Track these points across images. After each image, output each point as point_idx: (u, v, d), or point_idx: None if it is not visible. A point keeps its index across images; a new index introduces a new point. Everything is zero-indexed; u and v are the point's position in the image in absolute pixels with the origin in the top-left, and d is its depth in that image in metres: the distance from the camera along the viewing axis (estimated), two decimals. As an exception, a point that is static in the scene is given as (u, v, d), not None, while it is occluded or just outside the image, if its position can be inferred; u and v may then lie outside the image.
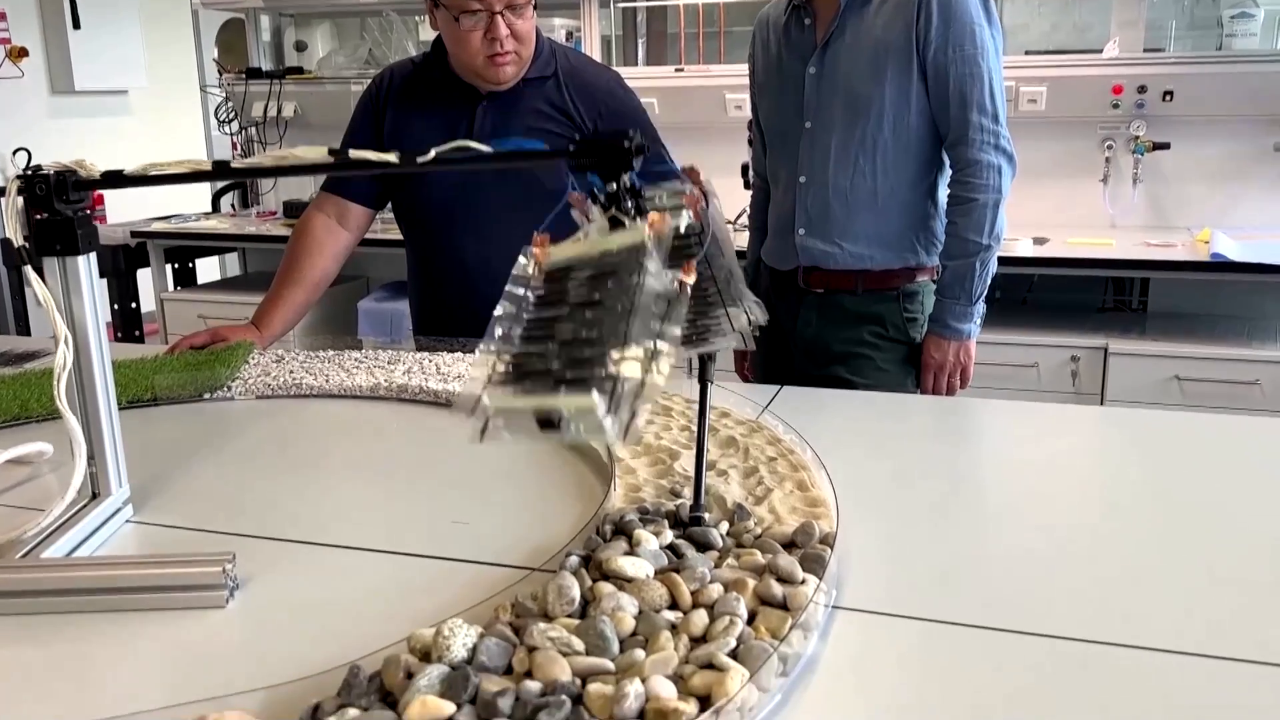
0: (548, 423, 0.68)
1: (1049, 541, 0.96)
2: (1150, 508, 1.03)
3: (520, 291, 0.79)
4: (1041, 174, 3.00)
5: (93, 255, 0.95)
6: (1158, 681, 0.72)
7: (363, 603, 0.86)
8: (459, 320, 1.76)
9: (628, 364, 0.67)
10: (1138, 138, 2.99)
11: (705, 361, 1.00)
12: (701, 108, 3.30)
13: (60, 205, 0.92)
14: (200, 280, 3.83)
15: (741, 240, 2.14)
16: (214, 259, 4.20)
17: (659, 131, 1.69)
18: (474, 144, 0.88)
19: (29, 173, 0.89)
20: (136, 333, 3.66)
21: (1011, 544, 0.96)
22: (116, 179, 0.94)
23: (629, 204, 0.82)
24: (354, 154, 0.89)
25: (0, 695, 0.73)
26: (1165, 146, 2.97)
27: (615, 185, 0.82)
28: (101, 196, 4.32)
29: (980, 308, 1.71)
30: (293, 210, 3.59)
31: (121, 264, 3.56)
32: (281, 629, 0.82)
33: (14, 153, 4.22)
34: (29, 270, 0.90)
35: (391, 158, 0.89)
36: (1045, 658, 0.75)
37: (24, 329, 3.97)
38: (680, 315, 0.75)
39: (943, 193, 1.74)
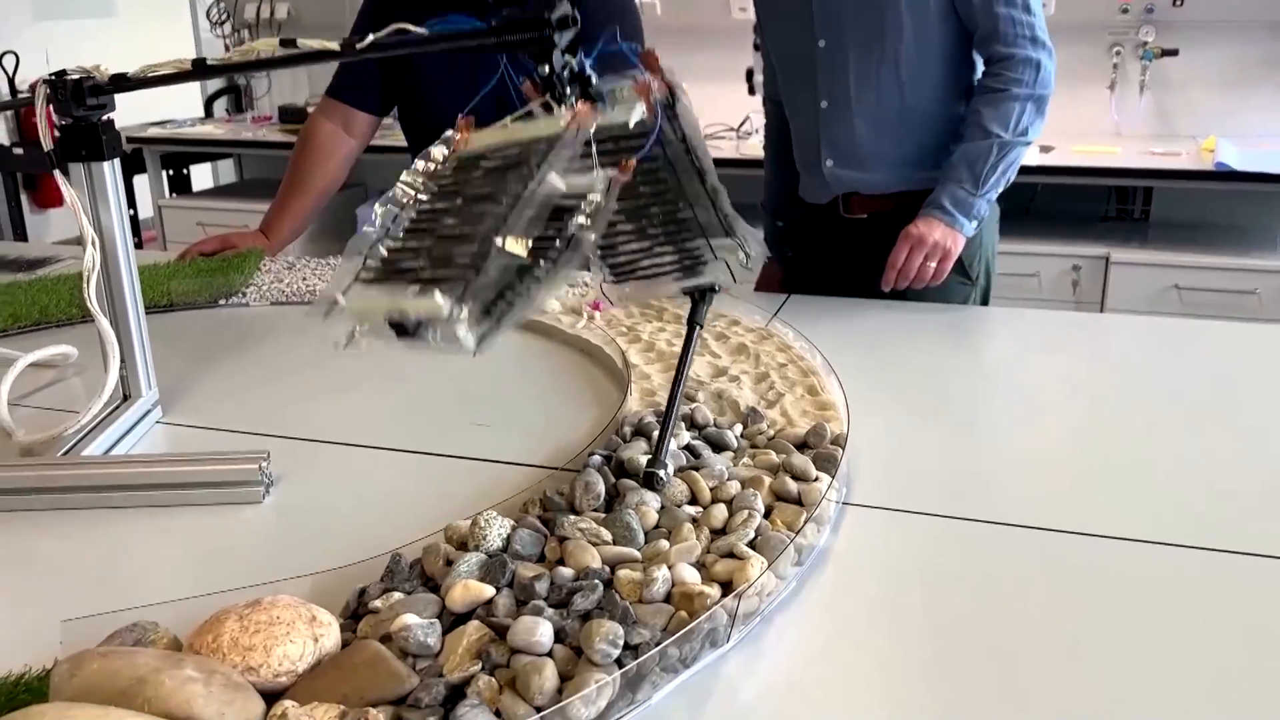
0: (402, 329, 0.62)
1: (1049, 441, 1.00)
2: (1147, 409, 1.07)
3: (414, 180, 0.71)
4: (1048, 81, 2.97)
5: (117, 160, 0.96)
6: (1150, 571, 0.76)
7: (393, 499, 0.90)
8: None
9: (494, 266, 0.61)
10: (1146, 44, 2.95)
11: (697, 302, 0.92)
12: (704, 9, 3.24)
13: (83, 111, 0.93)
14: (195, 187, 3.80)
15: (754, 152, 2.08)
16: (206, 165, 4.16)
17: (654, 34, 1.62)
18: (411, 27, 0.81)
19: (53, 77, 0.90)
20: (135, 240, 3.64)
21: (1013, 444, 1.00)
22: (123, 82, 0.94)
23: (568, 90, 0.74)
24: (302, 43, 0.86)
25: (49, 586, 0.77)
26: (1174, 53, 2.94)
27: (548, 68, 0.73)
28: (92, 101, 4.25)
29: (984, 206, 1.49)
30: (288, 115, 3.55)
31: (118, 170, 3.52)
32: (318, 523, 0.86)
33: (1, 56, 4.16)
34: (59, 175, 0.91)
35: (333, 45, 0.84)
36: (1043, 549, 0.79)
37: (21, 235, 3.95)
38: (600, 221, 0.66)
39: None
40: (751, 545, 0.73)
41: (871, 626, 0.70)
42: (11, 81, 4.06)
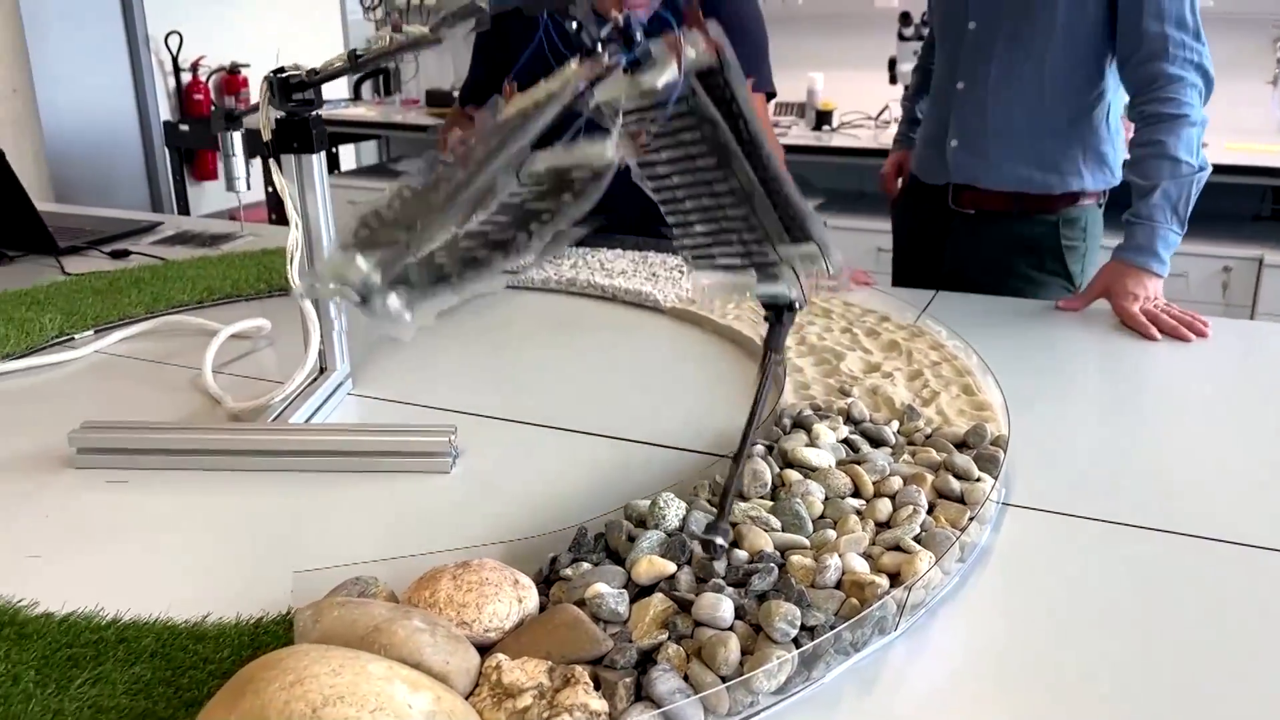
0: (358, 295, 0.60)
1: (1214, 448, 1.00)
2: (1315, 426, 1.05)
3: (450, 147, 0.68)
4: (1206, 74, 2.86)
5: (323, 154, 1.04)
6: (1320, 588, 0.76)
7: (566, 476, 0.96)
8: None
9: (428, 233, 0.59)
10: (1316, 36, 2.81)
11: (774, 324, 0.82)
12: (845, -2, 3.23)
13: (294, 106, 1.01)
14: (342, 167, 3.98)
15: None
16: (351, 145, 4.34)
17: (795, 22, 1.61)
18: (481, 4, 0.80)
19: (273, 74, 0.98)
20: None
21: (1173, 449, 1.00)
22: (314, 75, 1.02)
23: (598, 46, 0.68)
24: (406, 29, 0.90)
25: (265, 541, 0.86)
26: (1346, 46, 2.79)
27: (575, 23, 0.68)
28: (246, 79, 4.50)
29: (1176, 240, 1.43)
30: (435, 99, 3.69)
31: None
32: (500, 495, 0.92)
33: (166, 36, 4.42)
34: (273, 164, 1.00)
35: (427, 31, 0.87)
36: (1206, 559, 0.80)
37: (184, 209, 4.21)
38: (589, 194, 0.62)
39: (1115, 114, 1.59)
40: (917, 540, 0.76)
41: (1037, 627, 0.72)
42: (175, 60, 4.32)
